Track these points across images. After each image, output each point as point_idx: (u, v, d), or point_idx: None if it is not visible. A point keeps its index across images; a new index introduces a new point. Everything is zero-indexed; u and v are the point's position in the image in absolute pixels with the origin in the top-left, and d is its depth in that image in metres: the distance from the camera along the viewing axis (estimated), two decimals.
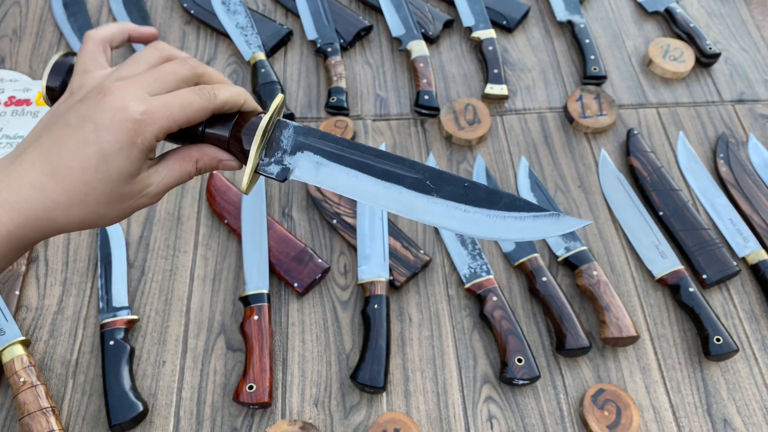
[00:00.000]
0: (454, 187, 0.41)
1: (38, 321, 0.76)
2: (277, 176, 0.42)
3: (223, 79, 0.42)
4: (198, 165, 0.41)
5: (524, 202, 0.41)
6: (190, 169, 0.41)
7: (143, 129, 0.36)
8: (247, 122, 0.41)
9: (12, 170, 0.36)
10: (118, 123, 0.35)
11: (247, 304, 0.75)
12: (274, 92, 0.94)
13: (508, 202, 0.41)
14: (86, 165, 0.36)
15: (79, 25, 1.04)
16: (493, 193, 0.41)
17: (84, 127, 0.36)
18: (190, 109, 0.38)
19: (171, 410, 0.71)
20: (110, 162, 0.36)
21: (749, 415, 0.71)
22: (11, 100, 0.96)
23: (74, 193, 0.36)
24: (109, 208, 0.38)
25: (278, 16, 1.09)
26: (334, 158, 0.41)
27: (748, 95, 0.99)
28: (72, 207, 0.37)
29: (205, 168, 0.42)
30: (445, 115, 0.93)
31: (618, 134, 0.94)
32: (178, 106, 0.37)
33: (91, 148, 0.36)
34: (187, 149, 0.41)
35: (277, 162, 0.42)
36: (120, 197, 0.38)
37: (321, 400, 0.72)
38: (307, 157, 0.41)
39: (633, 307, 0.79)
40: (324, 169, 0.41)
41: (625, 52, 1.04)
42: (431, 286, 0.80)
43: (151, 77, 0.38)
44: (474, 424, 0.70)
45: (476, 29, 1.03)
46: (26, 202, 0.36)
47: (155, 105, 0.36)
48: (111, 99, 0.36)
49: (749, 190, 0.86)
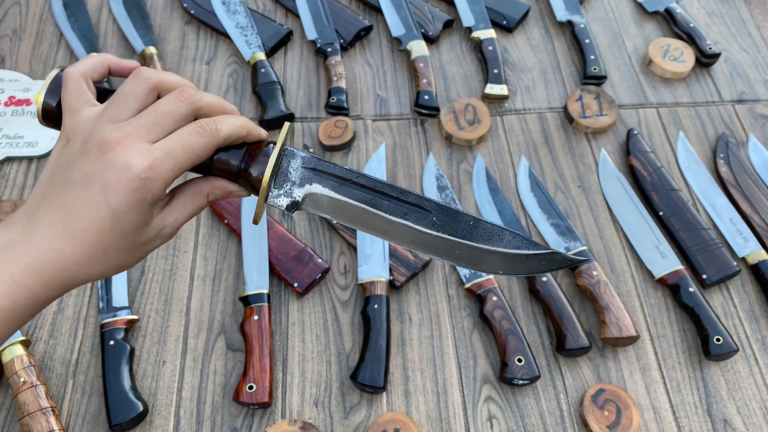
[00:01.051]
0: (459, 224, 0.41)
1: (38, 321, 0.76)
2: (286, 209, 0.42)
3: (223, 105, 0.41)
4: (209, 198, 0.42)
5: (527, 241, 0.42)
6: (201, 202, 0.41)
7: (150, 185, 0.36)
8: (256, 154, 0.41)
9: (30, 233, 0.37)
10: (124, 183, 0.35)
11: (247, 304, 0.75)
12: (274, 92, 0.94)
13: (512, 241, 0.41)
14: (100, 226, 0.36)
15: (79, 25, 1.04)
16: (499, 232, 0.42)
17: (92, 188, 0.36)
18: (193, 153, 0.37)
19: (171, 410, 0.71)
20: (123, 219, 0.37)
21: (749, 415, 0.71)
22: (11, 100, 0.96)
23: (93, 252, 0.37)
24: (128, 258, 0.39)
25: (278, 16, 1.09)
26: (342, 192, 0.41)
27: (748, 95, 0.99)
28: (93, 264, 0.38)
29: (217, 199, 0.42)
30: (445, 115, 0.93)
31: (618, 134, 0.94)
32: (181, 152, 0.37)
33: (102, 210, 0.36)
34: (197, 183, 0.41)
35: (286, 194, 0.42)
36: (136, 245, 0.39)
37: (321, 400, 0.72)
38: (316, 189, 0.41)
39: (633, 307, 0.79)
40: (332, 203, 0.41)
41: (625, 52, 1.04)
42: (431, 286, 0.80)
43: (149, 123, 0.37)
44: (474, 424, 0.70)
45: (476, 29, 1.03)
46: (48, 266, 0.36)
47: (158, 157, 0.36)
48: (113, 156, 0.35)
49: (749, 190, 0.86)
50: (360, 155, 0.91)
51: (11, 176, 0.89)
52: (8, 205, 0.84)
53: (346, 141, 0.91)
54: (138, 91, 0.38)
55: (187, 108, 0.38)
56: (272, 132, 0.94)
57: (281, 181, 0.41)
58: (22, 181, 0.88)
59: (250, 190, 0.42)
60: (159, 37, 1.05)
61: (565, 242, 0.81)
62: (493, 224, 0.42)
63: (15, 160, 0.90)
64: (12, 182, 0.88)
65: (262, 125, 0.93)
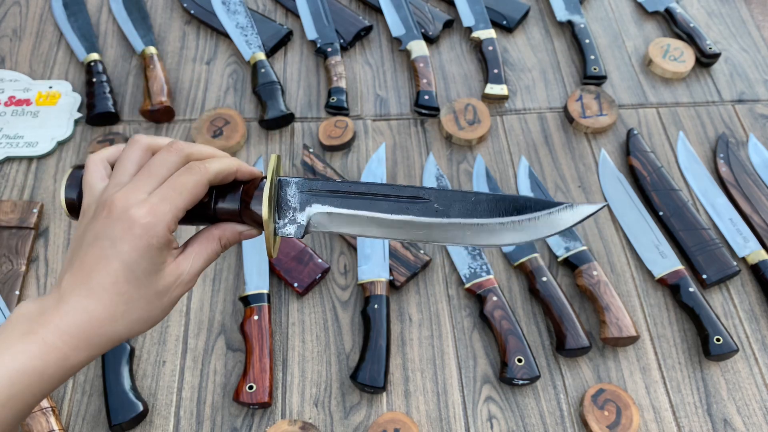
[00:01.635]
0: (462, 203, 0.41)
1: None
2: (295, 235, 0.43)
3: (212, 152, 0.43)
4: (222, 242, 0.43)
5: (534, 201, 0.40)
6: (215, 247, 0.43)
7: (153, 230, 0.38)
8: (251, 192, 0.42)
9: (59, 298, 0.39)
10: (128, 232, 0.38)
11: (247, 304, 0.75)
12: (274, 92, 0.94)
13: (518, 205, 0.41)
14: (115, 279, 0.38)
15: (79, 25, 1.04)
16: (501, 200, 0.41)
17: (102, 245, 0.39)
18: (186, 191, 0.39)
19: (171, 410, 0.71)
20: (135, 269, 0.39)
21: (749, 415, 0.71)
22: (11, 100, 0.96)
23: (114, 306, 0.39)
24: (150, 309, 0.40)
25: (278, 16, 1.09)
26: (342, 205, 0.42)
27: (748, 95, 0.99)
28: (116, 320, 0.39)
29: (230, 242, 0.44)
30: (445, 115, 0.93)
31: (618, 134, 0.94)
32: (175, 194, 0.39)
33: (114, 263, 0.38)
34: (208, 230, 0.43)
35: (291, 221, 0.43)
36: (156, 295, 0.40)
37: (321, 400, 0.72)
38: (317, 209, 0.42)
39: (633, 307, 0.79)
40: (336, 217, 0.43)
41: (625, 52, 1.04)
42: (431, 286, 0.80)
43: (144, 176, 0.40)
44: (474, 424, 0.70)
45: (476, 29, 1.03)
46: (75, 325, 0.38)
47: (155, 202, 0.38)
48: (116, 212, 0.38)
49: (749, 190, 0.86)
50: (360, 155, 0.91)
51: (11, 176, 0.89)
52: (8, 205, 0.84)
53: (346, 141, 0.91)
54: (133, 156, 0.41)
55: (177, 156, 0.41)
56: (272, 133, 0.94)
57: (283, 211, 0.43)
58: (22, 181, 0.88)
59: (257, 228, 0.43)
60: (159, 37, 1.05)
61: (565, 242, 0.81)
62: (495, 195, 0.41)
63: (15, 160, 0.90)
64: (12, 182, 0.88)
65: (262, 125, 0.93)
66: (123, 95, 0.98)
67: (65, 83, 0.98)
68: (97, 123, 0.94)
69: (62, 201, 0.44)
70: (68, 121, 0.94)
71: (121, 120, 0.95)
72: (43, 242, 0.83)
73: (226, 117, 0.92)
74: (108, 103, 0.93)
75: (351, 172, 0.90)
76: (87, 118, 0.93)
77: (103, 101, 0.93)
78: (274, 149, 0.92)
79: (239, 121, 0.92)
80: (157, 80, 0.95)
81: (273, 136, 0.94)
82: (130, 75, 1.01)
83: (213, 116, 0.92)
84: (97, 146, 0.89)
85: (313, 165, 0.87)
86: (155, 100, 0.93)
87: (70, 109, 0.95)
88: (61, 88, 0.98)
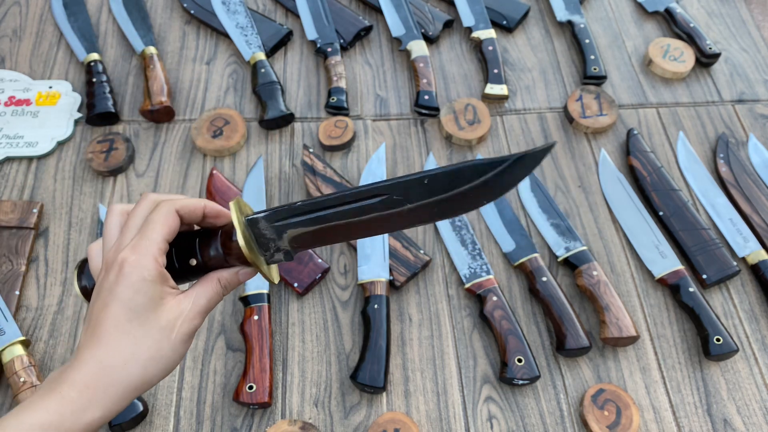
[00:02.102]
0: (418, 187, 0.42)
1: (38, 321, 0.76)
2: (285, 260, 0.45)
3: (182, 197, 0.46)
4: (222, 282, 0.45)
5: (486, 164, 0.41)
6: (216, 287, 0.45)
7: (140, 263, 0.41)
8: (228, 242, 0.44)
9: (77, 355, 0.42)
10: (120, 274, 0.41)
11: (247, 304, 0.75)
12: (274, 92, 0.94)
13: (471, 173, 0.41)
14: (117, 320, 0.41)
15: (79, 25, 1.04)
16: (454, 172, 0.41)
17: (103, 296, 0.42)
18: (159, 224, 0.43)
19: (171, 410, 0.71)
20: (133, 305, 0.41)
21: (749, 415, 0.71)
22: (11, 100, 0.96)
23: (123, 349, 0.41)
24: (159, 348, 0.42)
25: (278, 16, 1.09)
26: (311, 223, 0.44)
27: (748, 95, 0.99)
28: (127, 363, 0.41)
29: (230, 284, 0.46)
30: (445, 115, 0.93)
31: (618, 134, 0.94)
32: (150, 229, 0.42)
33: (113, 305, 0.41)
34: (208, 274, 0.46)
35: (276, 250, 0.45)
36: (161, 330, 0.42)
37: (321, 400, 0.72)
38: (292, 234, 0.44)
39: (633, 307, 0.79)
40: (311, 236, 0.44)
41: (625, 52, 1.04)
42: (431, 286, 0.80)
43: (125, 230, 0.44)
44: (474, 424, 0.70)
45: (476, 29, 1.03)
46: (89, 375, 0.40)
47: (136, 242, 0.42)
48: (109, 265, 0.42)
49: (749, 190, 0.86)
50: (360, 155, 0.91)
51: (11, 176, 0.89)
52: (8, 205, 0.84)
53: (346, 141, 0.91)
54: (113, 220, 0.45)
55: (150, 203, 0.45)
56: (272, 133, 0.94)
57: (265, 244, 0.45)
58: (22, 181, 0.88)
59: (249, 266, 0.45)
60: (159, 37, 1.05)
61: (565, 242, 0.81)
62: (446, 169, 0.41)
63: (15, 160, 0.90)
64: (12, 182, 0.88)
65: (262, 125, 0.93)
66: (123, 95, 0.98)
67: (65, 83, 0.98)
68: (97, 123, 0.94)
69: (77, 290, 0.48)
70: (68, 121, 0.94)
71: (121, 120, 0.95)
72: (43, 242, 0.83)
73: (226, 117, 0.92)
74: (108, 103, 0.93)
75: (351, 172, 0.90)
76: (87, 118, 0.93)
77: (103, 101, 0.93)
78: (274, 149, 0.92)
79: (239, 121, 0.92)
80: (157, 80, 0.95)
81: (273, 136, 0.94)
82: (130, 75, 1.01)
83: (213, 116, 0.92)
84: (97, 146, 0.89)
85: (313, 165, 0.87)
86: (155, 100, 0.93)
87: (70, 109, 0.95)
88: (61, 88, 0.98)
